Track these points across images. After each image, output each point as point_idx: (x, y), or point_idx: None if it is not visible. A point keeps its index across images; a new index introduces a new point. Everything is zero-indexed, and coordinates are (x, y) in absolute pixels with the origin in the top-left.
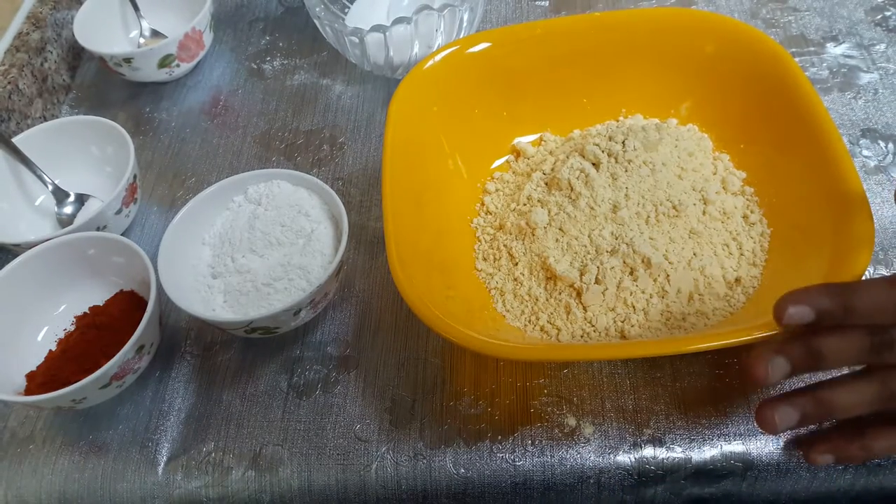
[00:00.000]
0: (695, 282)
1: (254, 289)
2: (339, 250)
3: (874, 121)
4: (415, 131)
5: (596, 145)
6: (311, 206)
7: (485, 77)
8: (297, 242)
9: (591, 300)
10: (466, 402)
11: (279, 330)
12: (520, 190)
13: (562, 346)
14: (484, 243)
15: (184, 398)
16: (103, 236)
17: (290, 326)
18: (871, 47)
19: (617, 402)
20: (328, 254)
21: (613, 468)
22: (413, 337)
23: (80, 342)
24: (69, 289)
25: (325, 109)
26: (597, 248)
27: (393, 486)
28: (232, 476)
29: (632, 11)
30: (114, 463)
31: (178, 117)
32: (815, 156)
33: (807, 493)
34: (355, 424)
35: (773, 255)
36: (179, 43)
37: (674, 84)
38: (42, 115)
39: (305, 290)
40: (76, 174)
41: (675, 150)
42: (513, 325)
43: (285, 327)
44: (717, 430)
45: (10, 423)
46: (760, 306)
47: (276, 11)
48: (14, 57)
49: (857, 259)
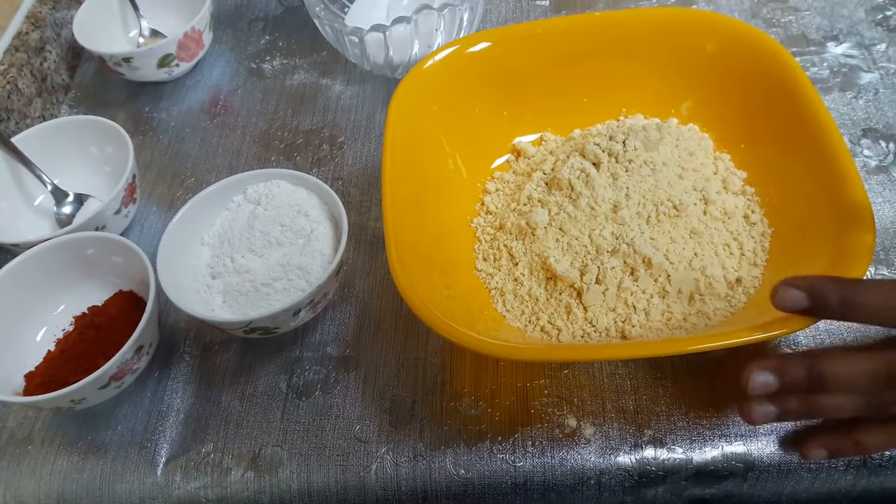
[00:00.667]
0: (696, 282)
1: (253, 289)
2: (338, 250)
3: (875, 120)
4: (415, 131)
5: (596, 145)
6: (311, 205)
7: (485, 77)
8: (296, 242)
9: (592, 300)
10: (466, 403)
11: (279, 330)
12: (520, 190)
13: (562, 347)
14: (484, 243)
15: (183, 399)
16: (102, 236)
17: (289, 327)
18: (871, 47)
19: (618, 402)
20: (328, 254)
21: (614, 469)
22: (413, 337)
23: (78, 342)
24: (68, 289)
25: (325, 109)
26: (597, 248)
27: (393, 486)
28: (231, 477)
29: (632, 11)
30: (112, 463)
31: (177, 117)
32: (815, 155)
33: (808, 493)
34: (355, 425)
35: (774, 255)
36: (179, 42)
37: (674, 84)
38: (41, 115)
39: (305, 290)
40: (75, 174)
41: (676, 150)
42: (513, 325)
43: (285, 327)
44: (718, 430)
45: (8, 423)
46: (761, 307)
47: (276, 11)
48: (13, 56)
49: (858, 259)
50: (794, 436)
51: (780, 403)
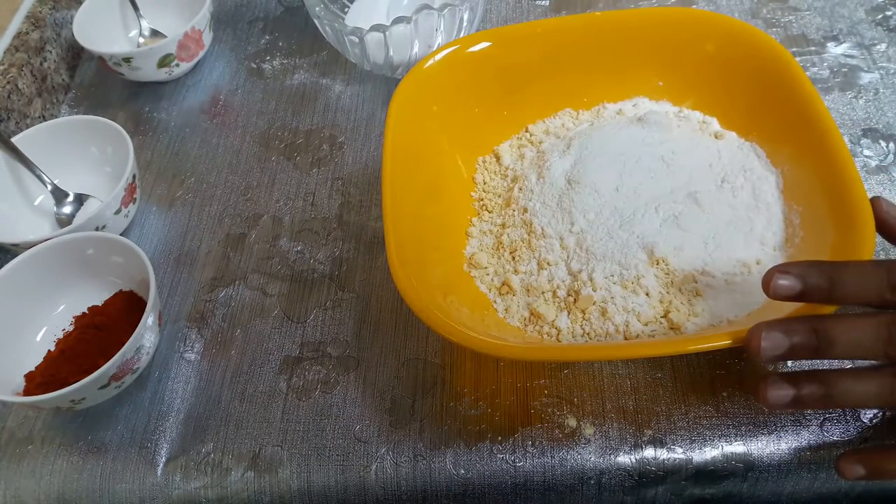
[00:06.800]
0: (697, 282)
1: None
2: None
3: (875, 120)
4: (415, 131)
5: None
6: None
7: (485, 76)
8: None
9: (593, 299)
10: (466, 403)
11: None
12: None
13: (562, 347)
14: (484, 243)
15: (183, 399)
16: (102, 236)
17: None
18: (871, 47)
19: (617, 402)
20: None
21: (614, 469)
22: (413, 337)
23: (78, 342)
24: (68, 289)
25: (325, 109)
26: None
27: (393, 486)
28: (231, 477)
29: (632, 11)
30: (112, 464)
31: (177, 117)
32: (816, 155)
33: (808, 493)
34: (355, 425)
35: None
36: (179, 42)
37: (674, 84)
38: (41, 115)
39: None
40: (75, 174)
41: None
42: (513, 325)
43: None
44: (718, 430)
45: (8, 423)
46: (762, 307)
47: (276, 11)
48: (13, 56)
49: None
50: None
51: (797, 385)
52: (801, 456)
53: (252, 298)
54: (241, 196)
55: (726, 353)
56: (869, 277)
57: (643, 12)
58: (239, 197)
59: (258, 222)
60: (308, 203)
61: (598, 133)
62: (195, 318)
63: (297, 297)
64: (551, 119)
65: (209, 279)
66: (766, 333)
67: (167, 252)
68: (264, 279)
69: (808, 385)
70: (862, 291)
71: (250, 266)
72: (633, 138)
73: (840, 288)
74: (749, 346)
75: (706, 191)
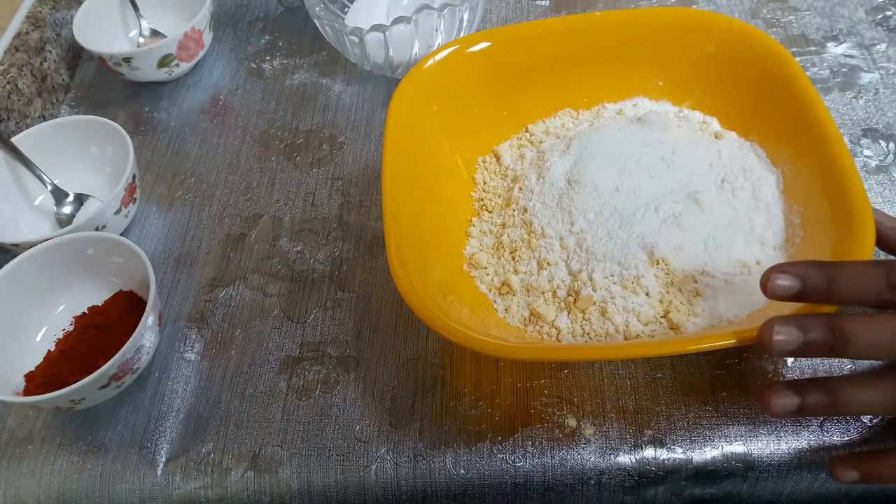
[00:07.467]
0: (697, 282)
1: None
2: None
3: (875, 120)
4: (415, 131)
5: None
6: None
7: (485, 76)
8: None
9: (593, 299)
10: (466, 403)
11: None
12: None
13: (562, 347)
14: (484, 242)
15: (183, 399)
16: (102, 236)
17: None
18: (871, 47)
19: (617, 402)
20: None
21: (614, 469)
22: (413, 337)
23: (78, 342)
24: (68, 289)
25: (325, 109)
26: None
27: (393, 486)
28: (231, 477)
29: (632, 11)
30: (112, 464)
31: (177, 117)
32: (816, 155)
33: (808, 493)
34: (355, 425)
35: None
36: (179, 42)
37: (674, 84)
38: (41, 115)
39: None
40: (75, 174)
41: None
42: (513, 325)
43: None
44: (718, 430)
45: (8, 423)
46: (762, 307)
47: (276, 11)
48: (13, 56)
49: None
50: (830, 460)
51: (802, 393)
52: (801, 456)
53: (252, 298)
54: (241, 196)
55: (726, 353)
56: (868, 278)
57: (643, 12)
58: (239, 197)
59: (258, 222)
60: (308, 203)
61: (598, 133)
62: (195, 318)
63: (297, 297)
64: (551, 119)
65: (209, 279)
66: (781, 327)
67: (167, 252)
68: (264, 279)
69: (813, 393)
70: (861, 291)
71: (250, 266)
72: (633, 138)
73: (839, 288)
74: (761, 339)
75: (706, 191)
